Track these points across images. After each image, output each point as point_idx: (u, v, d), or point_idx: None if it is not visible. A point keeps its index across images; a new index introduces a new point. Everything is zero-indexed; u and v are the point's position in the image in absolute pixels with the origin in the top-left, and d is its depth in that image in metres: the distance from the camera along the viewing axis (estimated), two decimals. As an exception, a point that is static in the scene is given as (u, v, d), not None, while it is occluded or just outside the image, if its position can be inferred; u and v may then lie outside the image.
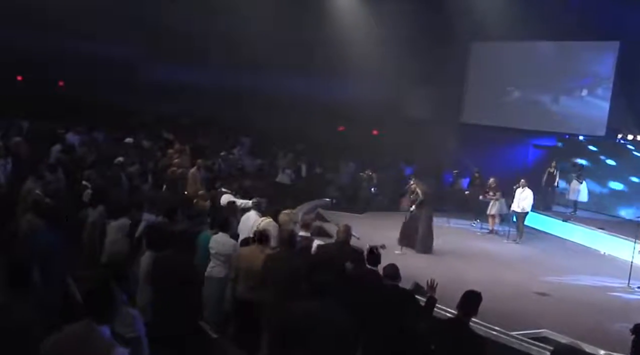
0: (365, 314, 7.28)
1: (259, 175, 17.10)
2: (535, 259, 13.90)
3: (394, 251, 12.80)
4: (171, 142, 16.68)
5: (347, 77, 21.21)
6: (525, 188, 15.25)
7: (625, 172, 18.24)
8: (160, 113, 20.66)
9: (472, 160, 19.79)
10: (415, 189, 13.45)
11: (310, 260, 7.78)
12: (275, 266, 6.93)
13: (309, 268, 7.63)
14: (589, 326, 9.61)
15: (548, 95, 20.40)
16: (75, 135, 14.50)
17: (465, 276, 11.71)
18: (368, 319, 7.01)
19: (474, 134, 20.58)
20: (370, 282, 7.32)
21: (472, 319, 8.54)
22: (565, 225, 16.50)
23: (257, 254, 7.23)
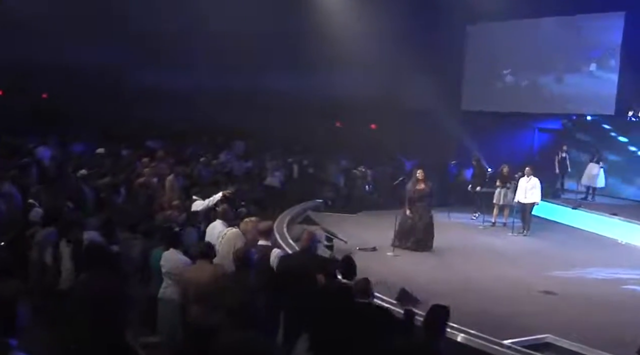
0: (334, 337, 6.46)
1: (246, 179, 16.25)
2: (541, 252, 12.86)
3: (386, 253, 11.86)
4: (154, 150, 15.87)
5: (341, 72, 20.26)
6: (532, 177, 14.17)
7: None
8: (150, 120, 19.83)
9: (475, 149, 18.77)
10: (422, 179, 12.30)
11: (269, 277, 6.94)
12: (225, 289, 6.02)
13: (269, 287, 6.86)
14: (599, 327, 8.58)
15: (551, 75, 19.19)
16: (47, 149, 13.73)
17: (466, 275, 10.80)
18: (338, 343, 6.18)
19: (476, 121, 19.56)
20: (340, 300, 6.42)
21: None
22: (576, 213, 15.42)
23: (202, 272, 6.33)
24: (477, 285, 10.18)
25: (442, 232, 13.77)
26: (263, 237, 7.43)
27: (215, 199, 9.90)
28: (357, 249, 11.95)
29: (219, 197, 9.92)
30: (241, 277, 5.99)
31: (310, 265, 6.91)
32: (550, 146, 18.62)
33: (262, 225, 7.56)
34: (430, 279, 10.44)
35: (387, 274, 10.43)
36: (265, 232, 7.46)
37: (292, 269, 6.89)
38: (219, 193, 9.92)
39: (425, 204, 12.14)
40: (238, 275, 6.04)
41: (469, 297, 9.58)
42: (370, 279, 6.27)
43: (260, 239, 7.46)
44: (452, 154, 19.57)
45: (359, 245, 12.17)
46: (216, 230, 8.56)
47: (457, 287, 10.04)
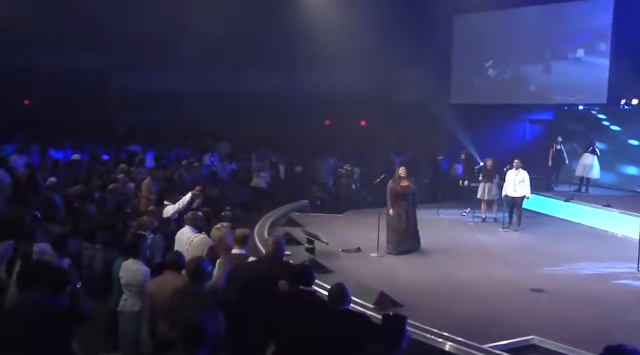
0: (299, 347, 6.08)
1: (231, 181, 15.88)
2: (532, 248, 12.44)
3: (370, 254, 11.45)
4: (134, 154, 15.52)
5: (328, 69, 19.91)
6: (520, 169, 13.74)
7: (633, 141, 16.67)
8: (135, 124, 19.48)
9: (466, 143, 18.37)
10: (405, 176, 11.70)
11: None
12: (179, 303, 5.62)
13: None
14: (588, 326, 8.19)
15: (538, 65, 18.79)
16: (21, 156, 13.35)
17: (451, 275, 10.40)
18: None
19: (467, 114, 19.10)
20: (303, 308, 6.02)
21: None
22: (569, 205, 14.99)
23: (168, 284, 5.91)
24: (463, 285, 9.79)
25: (430, 230, 13.42)
26: (237, 245, 6.97)
27: (184, 202, 9.52)
28: (341, 251, 11.58)
29: (188, 198, 9.55)
30: (193, 291, 5.58)
31: (274, 272, 6.51)
32: (542, 138, 18.19)
33: (237, 232, 7.08)
34: (413, 280, 10.05)
35: (369, 276, 10.10)
36: (239, 239, 6.96)
37: (256, 276, 6.50)
38: (187, 195, 9.52)
39: (410, 202, 11.64)
40: (190, 288, 5.63)
41: (454, 297, 9.22)
42: (345, 285, 5.94)
43: (234, 247, 7.03)
44: (443, 149, 19.19)
45: (343, 247, 11.79)
46: (184, 237, 8.18)
47: (441, 288, 9.66)
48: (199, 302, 5.50)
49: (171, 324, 5.61)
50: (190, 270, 5.69)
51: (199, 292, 5.60)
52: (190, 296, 5.56)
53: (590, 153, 15.66)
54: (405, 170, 11.63)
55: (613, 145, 17.03)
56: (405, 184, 11.61)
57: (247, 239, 6.99)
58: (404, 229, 11.62)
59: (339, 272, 10.25)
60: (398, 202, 11.55)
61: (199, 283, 5.66)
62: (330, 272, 10.13)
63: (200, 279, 5.69)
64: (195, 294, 5.58)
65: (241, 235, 6.95)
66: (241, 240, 6.94)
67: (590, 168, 15.61)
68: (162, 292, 5.80)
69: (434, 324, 7.82)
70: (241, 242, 6.94)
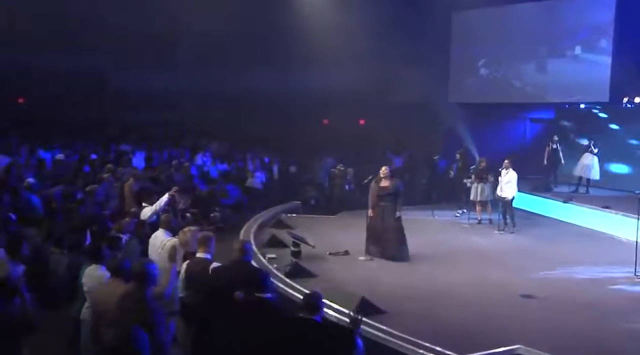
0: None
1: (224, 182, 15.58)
2: (527, 251, 12.05)
3: (359, 257, 11.10)
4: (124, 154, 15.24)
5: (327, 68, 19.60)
6: (509, 170, 13.36)
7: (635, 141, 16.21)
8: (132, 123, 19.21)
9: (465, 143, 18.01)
10: (385, 176, 11.11)
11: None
12: (124, 309, 5.32)
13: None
14: (579, 333, 7.82)
15: (535, 63, 18.34)
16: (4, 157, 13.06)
17: (440, 280, 9.99)
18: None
19: (466, 113, 18.72)
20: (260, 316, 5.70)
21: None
22: (567, 207, 14.59)
23: (111, 291, 5.62)
24: (450, 290, 9.42)
25: (423, 232, 13.11)
26: (201, 249, 6.66)
27: (161, 203, 9.22)
28: (328, 254, 11.24)
29: (165, 199, 9.24)
30: (137, 296, 5.26)
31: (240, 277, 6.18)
32: (543, 137, 17.75)
33: (200, 235, 6.78)
34: (399, 285, 9.69)
35: (354, 280, 9.77)
36: (203, 243, 6.63)
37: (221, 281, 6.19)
38: (165, 196, 9.21)
39: (389, 204, 11.00)
40: (134, 294, 5.31)
41: (439, 303, 8.86)
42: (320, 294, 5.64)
43: (198, 250, 6.71)
44: (442, 148, 18.80)
45: (331, 249, 11.45)
46: (158, 240, 7.85)
47: (427, 293, 9.30)
48: (143, 308, 5.22)
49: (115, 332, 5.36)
50: (135, 274, 5.38)
51: (143, 297, 5.28)
52: (133, 302, 5.26)
53: (589, 153, 15.23)
54: (385, 170, 11.12)
55: (615, 145, 16.56)
56: (384, 185, 11.02)
57: (211, 242, 6.66)
58: (375, 235, 11.07)
59: (323, 276, 9.94)
60: (377, 203, 11.13)
61: (144, 288, 5.33)
62: (314, 276, 9.81)
63: (145, 283, 5.37)
64: (139, 300, 5.27)
65: (204, 239, 6.63)
66: (204, 243, 6.61)
67: (589, 168, 15.20)
68: (106, 300, 5.49)
69: (415, 331, 7.50)
70: (205, 245, 6.61)
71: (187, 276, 6.53)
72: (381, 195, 11.06)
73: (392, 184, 11.04)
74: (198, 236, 6.74)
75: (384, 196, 11.01)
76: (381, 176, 11.17)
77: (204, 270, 6.35)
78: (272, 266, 9.86)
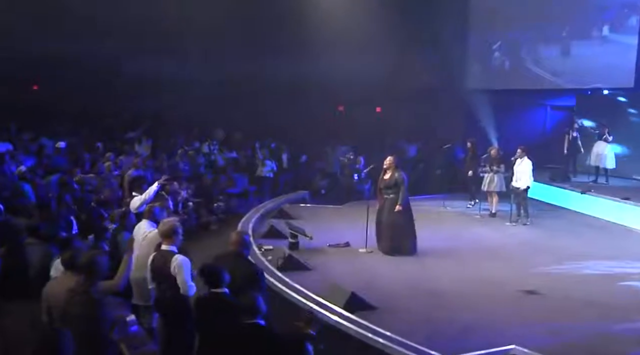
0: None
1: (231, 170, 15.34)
2: (538, 245, 11.50)
3: (359, 249, 10.73)
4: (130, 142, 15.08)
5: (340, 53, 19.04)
6: (524, 158, 12.78)
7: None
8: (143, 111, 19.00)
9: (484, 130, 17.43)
10: (392, 169, 10.56)
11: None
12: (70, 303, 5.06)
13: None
14: (578, 334, 7.36)
15: (558, 46, 17.41)
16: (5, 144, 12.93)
17: (440, 275, 9.56)
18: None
19: (483, 100, 18.06)
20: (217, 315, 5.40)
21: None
22: (585, 198, 13.96)
23: (61, 285, 5.34)
24: (451, 287, 8.99)
25: (432, 223, 12.69)
26: (167, 241, 6.34)
27: (151, 192, 8.96)
28: (328, 246, 10.89)
29: (155, 189, 8.98)
30: (83, 289, 4.99)
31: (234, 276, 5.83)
32: (563, 125, 17.02)
33: (162, 226, 6.38)
34: (397, 280, 9.32)
35: (349, 274, 9.42)
36: (166, 234, 6.26)
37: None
38: (154, 185, 8.95)
39: (391, 197, 10.50)
40: (81, 286, 5.04)
41: (436, 300, 8.47)
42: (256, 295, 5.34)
43: (163, 243, 6.40)
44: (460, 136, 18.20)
45: (332, 241, 11.08)
46: (140, 231, 7.61)
47: (425, 289, 8.91)
48: (88, 301, 4.96)
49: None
50: (82, 266, 5.10)
51: (88, 290, 5.01)
52: (79, 295, 5.00)
53: (603, 141, 14.56)
54: (390, 161, 10.65)
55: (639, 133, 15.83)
56: (387, 177, 10.60)
57: (177, 233, 6.32)
58: (378, 226, 10.66)
59: (318, 269, 9.61)
60: (380, 195, 10.72)
61: (90, 281, 5.05)
62: (308, 269, 9.48)
63: (93, 276, 5.09)
64: (85, 293, 5.00)
65: (168, 230, 6.24)
66: (167, 235, 6.27)
67: (603, 157, 14.54)
68: (56, 294, 5.27)
69: (405, 329, 7.16)
70: (169, 237, 6.26)
71: (152, 269, 6.26)
72: (381, 188, 10.66)
73: (394, 176, 10.54)
74: (163, 228, 6.40)
75: (386, 188, 10.60)
76: (384, 167, 10.75)
77: (167, 264, 6.07)
78: (265, 259, 9.55)
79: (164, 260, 6.09)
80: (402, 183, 10.42)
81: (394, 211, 10.40)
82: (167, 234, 6.26)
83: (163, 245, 6.27)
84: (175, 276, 5.95)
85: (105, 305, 5.03)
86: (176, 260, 6.01)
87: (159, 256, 6.20)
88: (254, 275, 6.07)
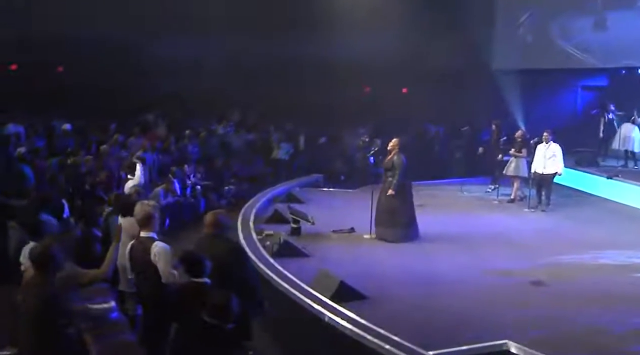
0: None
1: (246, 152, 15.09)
2: (555, 233, 10.90)
3: (363, 236, 10.34)
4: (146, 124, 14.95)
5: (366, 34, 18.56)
6: (551, 143, 12.12)
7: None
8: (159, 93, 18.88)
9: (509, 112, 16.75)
10: (392, 149, 10.21)
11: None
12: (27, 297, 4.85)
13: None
14: (579, 329, 6.82)
15: (595, 17, 16.30)
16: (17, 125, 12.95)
17: (444, 264, 9.06)
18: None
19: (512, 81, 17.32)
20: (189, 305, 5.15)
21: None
22: (611, 183, 13.22)
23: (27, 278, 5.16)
24: (452, 276, 8.52)
25: (445, 209, 12.25)
26: (145, 228, 6.07)
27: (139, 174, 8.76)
28: (332, 232, 10.54)
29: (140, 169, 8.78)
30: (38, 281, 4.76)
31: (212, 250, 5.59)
32: (595, 106, 16.18)
33: (141, 213, 6.11)
34: (397, 268, 8.91)
35: (347, 262, 9.06)
36: (142, 221, 5.99)
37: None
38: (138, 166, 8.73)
39: (389, 181, 10.06)
40: (35, 279, 4.82)
41: (435, 290, 8.02)
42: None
43: (141, 230, 6.13)
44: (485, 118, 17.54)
45: (338, 226, 10.72)
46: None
47: (425, 278, 8.46)
48: (42, 295, 4.73)
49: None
50: (33, 258, 4.86)
51: (42, 283, 4.77)
52: (33, 288, 4.78)
53: (631, 123, 13.75)
54: (394, 143, 10.21)
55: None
56: (387, 159, 10.21)
57: (153, 219, 6.03)
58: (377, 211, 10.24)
59: (316, 256, 9.27)
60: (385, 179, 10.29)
61: (44, 274, 4.81)
62: (305, 256, 9.15)
63: (47, 269, 4.84)
64: (39, 286, 4.77)
65: (142, 218, 5.90)
66: (146, 223, 5.96)
67: (630, 140, 13.75)
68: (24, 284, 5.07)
69: (393, 319, 6.80)
70: (147, 225, 5.97)
71: (130, 258, 6.01)
72: (386, 170, 10.24)
73: (392, 159, 10.10)
74: (138, 216, 6.11)
75: (386, 171, 10.19)
76: (388, 149, 10.34)
77: (146, 252, 5.81)
78: (260, 245, 9.25)
79: (143, 247, 5.81)
80: (399, 166, 9.96)
81: (387, 195, 9.98)
82: (142, 222, 5.94)
83: (142, 233, 5.99)
84: (155, 264, 5.71)
85: (61, 298, 4.78)
86: (156, 247, 5.69)
87: (137, 244, 5.92)
88: (234, 251, 5.82)
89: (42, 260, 4.82)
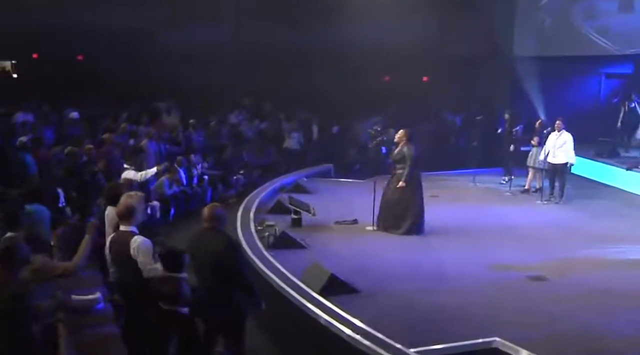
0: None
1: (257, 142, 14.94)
2: (567, 226, 10.49)
3: (366, 227, 10.11)
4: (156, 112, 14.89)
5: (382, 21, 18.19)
6: (563, 131, 11.70)
7: None
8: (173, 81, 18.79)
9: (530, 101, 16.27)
10: (399, 140, 9.88)
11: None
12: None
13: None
14: (573, 327, 6.50)
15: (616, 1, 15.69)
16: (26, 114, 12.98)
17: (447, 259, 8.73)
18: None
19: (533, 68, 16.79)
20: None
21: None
22: (631, 175, 12.73)
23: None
24: (452, 271, 8.23)
25: (455, 200, 11.91)
26: (124, 222, 5.92)
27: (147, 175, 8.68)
28: (334, 223, 10.34)
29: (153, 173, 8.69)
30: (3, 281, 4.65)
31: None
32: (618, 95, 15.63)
33: (122, 206, 5.85)
34: (396, 262, 8.63)
35: (345, 255, 8.84)
36: (122, 214, 5.81)
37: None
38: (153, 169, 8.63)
39: (398, 173, 9.76)
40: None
41: (430, 285, 7.75)
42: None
43: (121, 223, 5.98)
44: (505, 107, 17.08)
45: (341, 217, 10.52)
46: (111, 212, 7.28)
47: (423, 273, 8.19)
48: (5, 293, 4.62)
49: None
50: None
51: (5, 280, 4.66)
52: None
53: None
54: (402, 134, 9.91)
55: None
56: (396, 151, 9.93)
57: (133, 212, 5.89)
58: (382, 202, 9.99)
59: (315, 248, 9.05)
60: (393, 170, 10.02)
61: (7, 269, 4.70)
62: (302, 248, 8.96)
63: (10, 264, 4.72)
64: (2, 283, 4.66)
65: (123, 211, 5.77)
66: (124, 215, 5.84)
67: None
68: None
69: (382, 315, 6.61)
70: (125, 217, 5.84)
71: (110, 251, 5.90)
72: (395, 161, 9.96)
73: (402, 150, 9.79)
74: (119, 208, 5.97)
75: (395, 162, 9.91)
76: (396, 140, 10.06)
77: (126, 246, 5.68)
78: (258, 236, 9.10)
79: (122, 241, 5.69)
80: (409, 158, 9.66)
81: (397, 187, 9.68)
82: (122, 215, 5.81)
83: (121, 226, 5.86)
84: (135, 259, 5.58)
85: (25, 295, 4.67)
86: (136, 242, 5.57)
87: (117, 238, 5.81)
88: (230, 246, 5.63)
89: (6, 256, 4.72)
